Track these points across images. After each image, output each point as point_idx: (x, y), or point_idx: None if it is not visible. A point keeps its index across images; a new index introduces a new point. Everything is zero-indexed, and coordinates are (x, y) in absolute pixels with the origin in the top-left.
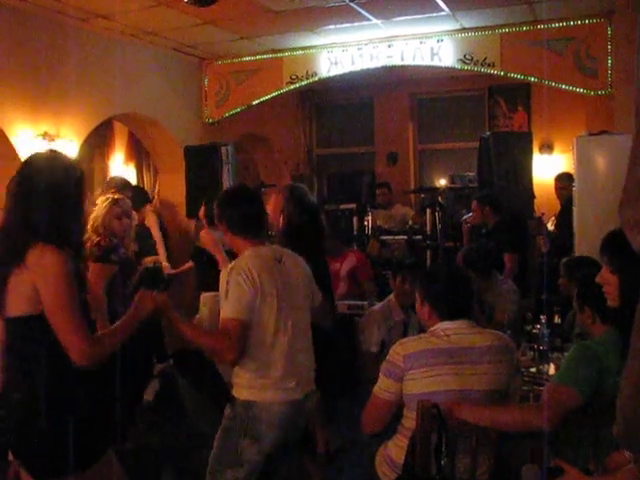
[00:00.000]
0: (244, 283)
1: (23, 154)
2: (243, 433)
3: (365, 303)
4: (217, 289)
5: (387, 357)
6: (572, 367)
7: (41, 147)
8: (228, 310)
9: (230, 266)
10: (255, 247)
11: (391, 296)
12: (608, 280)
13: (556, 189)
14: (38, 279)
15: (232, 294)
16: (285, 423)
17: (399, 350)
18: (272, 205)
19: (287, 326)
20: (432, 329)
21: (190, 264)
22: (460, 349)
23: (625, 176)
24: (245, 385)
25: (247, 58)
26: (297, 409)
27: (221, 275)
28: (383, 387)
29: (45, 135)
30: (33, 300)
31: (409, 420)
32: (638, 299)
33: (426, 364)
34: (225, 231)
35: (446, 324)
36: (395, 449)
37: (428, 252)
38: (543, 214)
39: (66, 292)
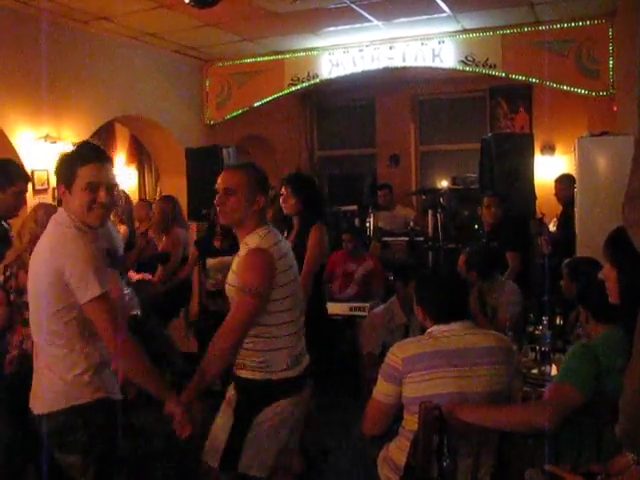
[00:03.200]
0: None
1: (24, 156)
2: None
3: (367, 305)
4: None
5: (385, 360)
6: (571, 365)
7: (42, 150)
8: None
9: None
10: None
11: (394, 298)
12: (609, 276)
13: (556, 191)
14: None
15: None
16: None
17: (397, 353)
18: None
19: None
20: (429, 331)
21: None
22: (459, 351)
23: (627, 177)
24: None
25: (248, 60)
26: None
27: None
28: (382, 390)
29: (46, 137)
30: None
31: (410, 422)
32: (639, 297)
33: (425, 367)
34: None
35: (442, 326)
36: (396, 451)
37: (430, 254)
38: (544, 215)
39: None
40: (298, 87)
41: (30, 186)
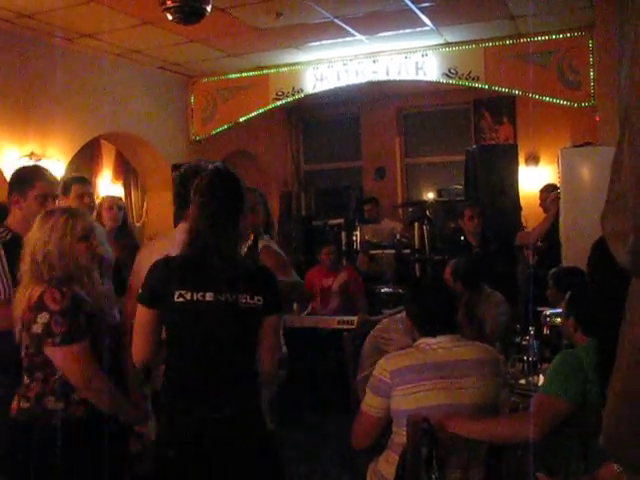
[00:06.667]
0: None
1: (9, 174)
2: None
3: (354, 318)
4: None
5: (373, 373)
6: (557, 376)
7: None
8: None
9: None
10: None
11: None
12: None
13: (541, 201)
14: None
15: None
16: None
17: (385, 366)
18: None
19: None
20: (417, 343)
21: None
22: (446, 363)
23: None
24: None
25: (233, 75)
26: None
27: None
28: (371, 404)
29: (32, 155)
30: None
31: (399, 435)
32: (617, 309)
33: (413, 380)
34: None
35: (429, 339)
36: (385, 464)
37: (417, 266)
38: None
39: None
40: (283, 102)
41: None
